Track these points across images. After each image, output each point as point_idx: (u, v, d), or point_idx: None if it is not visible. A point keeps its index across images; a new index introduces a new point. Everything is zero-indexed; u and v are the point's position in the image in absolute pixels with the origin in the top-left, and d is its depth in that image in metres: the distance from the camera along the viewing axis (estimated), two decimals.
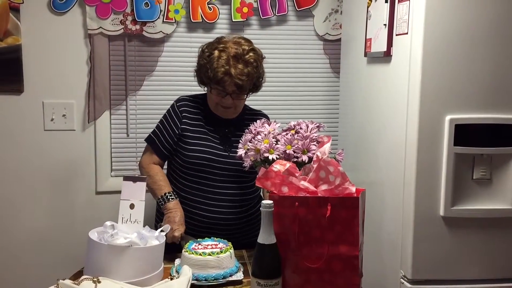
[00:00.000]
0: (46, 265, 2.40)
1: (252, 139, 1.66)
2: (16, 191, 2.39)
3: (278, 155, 1.60)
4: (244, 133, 1.72)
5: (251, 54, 1.87)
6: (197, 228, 1.90)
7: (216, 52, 1.86)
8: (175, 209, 1.82)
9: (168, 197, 1.85)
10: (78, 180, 2.44)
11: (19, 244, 2.41)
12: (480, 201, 1.66)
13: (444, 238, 1.67)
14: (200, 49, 1.95)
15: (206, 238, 1.70)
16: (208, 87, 1.93)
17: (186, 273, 1.45)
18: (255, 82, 1.93)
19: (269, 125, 1.69)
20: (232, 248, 1.63)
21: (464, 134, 1.62)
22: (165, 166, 2.03)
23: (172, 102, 2.01)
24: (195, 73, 1.97)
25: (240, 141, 1.70)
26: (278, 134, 1.66)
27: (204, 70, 1.88)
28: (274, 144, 1.61)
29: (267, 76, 2.00)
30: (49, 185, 2.42)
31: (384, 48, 1.82)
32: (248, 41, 1.93)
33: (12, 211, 2.40)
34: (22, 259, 2.42)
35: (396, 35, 1.76)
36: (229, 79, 1.83)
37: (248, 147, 1.65)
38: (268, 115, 2.09)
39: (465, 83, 1.62)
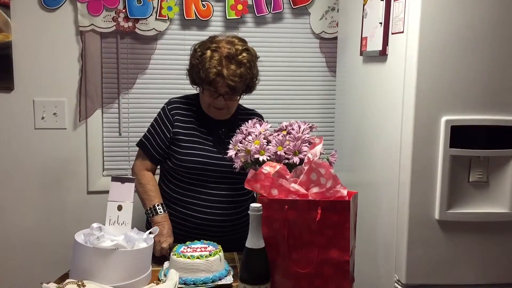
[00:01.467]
0: (37, 266, 2.37)
1: (243, 140, 1.63)
2: (5, 190, 2.36)
3: (269, 156, 1.57)
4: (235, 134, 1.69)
5: (244, 54, 1.83)
6: (190, 230, 1.87)
7: (208, 52, 1.82)
8: (162, 222, 1.80)
9: (157, 209, 1.82)
10: (69, 180, 2.41)
11: (8, 244, 2.38)
12: (477, 204, 1.63)
13: (439, 242, 1.64)
14: (193, 48, 1.91)
15: (195, 241, 1.67)
16: (200, 87, 1.89)
17: (173, 278, 1.42)
18: (248, 83, 1.88)
19: (260, 126, 1.65)
20: (222, 251, 1.59)
21: (461, 135, 1.58)
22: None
23: (164, 101, 1.97)
24: (187, 73, 1.93)
25: (231, 141, 1.67)
26: (270, 135, 1.62)
27: (196, 71, 1.84)
28: (265, 145, 1.58)
29: (261, 74, 1.96)
30: (39, 185, 2.39)
31: (379, 47, 1.78)
32: (242, 40, 1.89)
33: (1, 210, 2.36)
34: (12, 260, 2.39)
35: (392, 33, 1.73)
36: (221, 80, 1.79)
37: (239, 148, 1.62)
38: (263, 115, 2.06)
39: (462, 83, 1.58)
